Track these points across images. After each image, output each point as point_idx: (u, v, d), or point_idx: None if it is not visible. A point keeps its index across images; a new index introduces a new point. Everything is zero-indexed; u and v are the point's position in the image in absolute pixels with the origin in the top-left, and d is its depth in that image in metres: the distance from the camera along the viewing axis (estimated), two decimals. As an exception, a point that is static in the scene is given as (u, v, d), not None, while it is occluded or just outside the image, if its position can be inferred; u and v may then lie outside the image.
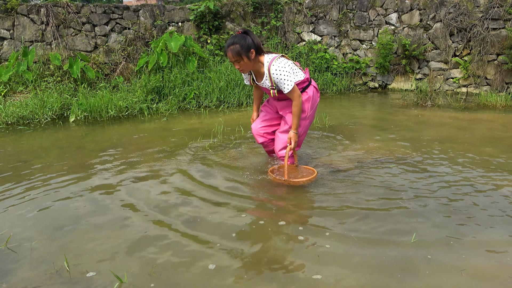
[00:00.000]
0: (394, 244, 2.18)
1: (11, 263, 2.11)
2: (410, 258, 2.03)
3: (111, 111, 5.60)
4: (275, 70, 2.79)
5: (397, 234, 2.28)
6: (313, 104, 3.13)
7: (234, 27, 7.84)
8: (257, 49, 2.80)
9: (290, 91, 2.83)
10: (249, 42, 2.74)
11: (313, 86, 3.11)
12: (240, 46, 2.73)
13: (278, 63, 2.80)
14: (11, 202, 2.87)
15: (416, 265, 1.98)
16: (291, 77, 2.82)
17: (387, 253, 2.09)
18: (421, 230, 2.32)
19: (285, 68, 2.80)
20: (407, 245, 2.17)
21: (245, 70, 2.85)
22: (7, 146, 4.34)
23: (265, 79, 2.91)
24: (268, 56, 2.86)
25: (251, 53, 2.76)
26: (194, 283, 1.90)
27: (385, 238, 2.24)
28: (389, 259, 2.03)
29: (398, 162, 3.49)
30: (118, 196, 2.91)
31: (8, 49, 6.75)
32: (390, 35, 7.67)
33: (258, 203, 2.76)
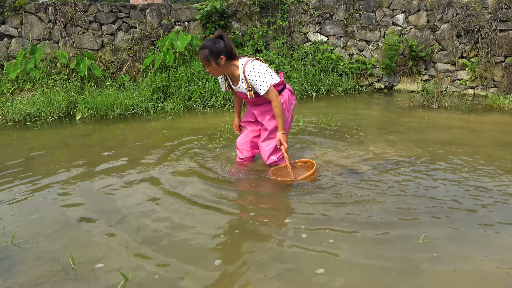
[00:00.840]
0: (401, 243, 2.17)
1: (17, 260, 2.12)
2: (416, 256, 2.03)
3: (117, 109, 5.63)
4: (250, 72, 2.80)
5: (405, 235, 2.27)
6: (289, 107, 3.13)
7: (240, 26, 7.85)
8: (228, 54, 2.78)
9: (267, 91, 2.83)
10: (220, 47, 2.73)
11: (288, 90, 3.12)
12: (209, 51, 2.72)
13: (252, 65, 2.81)
14: (18, 198, 2.89)
15: (421, 263, 1.97)
16: (266, 78, 2.82)
17: (393, 250, 2.08)
18: (430, 231, 2.30)
19: (260, 69, 2.81)
20: (414, 244, 2.16)
21: (215, 74, 2.85)
22: (14, 143, 4.38)
23: (241, 82, 2.91)
24: (242, 59, 2.87)
25: (221, 59, 2.75)
26: (200, 277, 1.90)
27: (392, 238, 2.23)
28: (394, 256, 2.03)
29: (407, 164, 3.47)
30: (124, 195, 2.92)
31: (16, 47, 6.80)
32: (396, 36, 7.64)
33: (262, 203, 2.76)
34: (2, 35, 6.74)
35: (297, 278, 1.90)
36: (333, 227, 2.38)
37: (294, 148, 3.97)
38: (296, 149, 3.92)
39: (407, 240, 2.23)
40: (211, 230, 2.39)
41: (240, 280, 1.92)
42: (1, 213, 2.66)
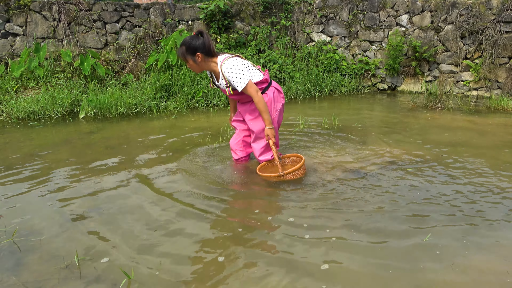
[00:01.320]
0: (405, 242, 2.17)
1: (20, 257, 2.14)
2: (419, 254, 2.02)
3: (120, 108, 5.64)
4: (226, 68, 2.80)
5: (409, 234, 2.27)
6: (277, 106, 3.07)
7: (243, 26, 7.85)
8: (206, 52, 2.80)
9: (244, 87, 2.81)
10: (197, 44, 2.76)
11: (274, 88, 3.08)
12: (185, 48, 2.78)
13: (229, 62, 2.81)
14: (21, 196, 2.90)
15: (423, 261, 1.96)
16: (244, 75, 2.80)
17: (396, 249, 2.08)
18: (435, 231, 2.30)
19: (237, 66, 2.80)
20: (419, 243, 2.17)
21: (195, 70, 2.90)
22: (18, 141, 4.40)
23: (221, 79, 2.92)
24: (222, 56, 2.87)
25: (197, 56, 2.78)
26: (203, 275, 1.91)
27: (396, 237, 2.23)
28: (397, 253, 2.03)
29: (412, 165, 3.46)
30: (126, 194, 2.93)
31: (21, 45, 6.83)
32: (400, 37, 7.62)
33: (263, 201, 2.76)
34: (6, 33, 6.77)
35: (302, 275, 1.92)
36: (335, 225, 2.39)
37: (296, 148, 3.97)
38: (299, 149, 3.92)
39: (411, 239, 2.24)
40: (212, 229, 2.40)
41: (244, 276, 1.93)
42: (3, 210, 2.67)
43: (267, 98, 3.00)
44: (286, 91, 7.01)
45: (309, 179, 3.15)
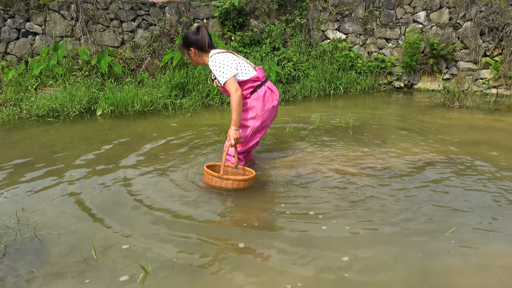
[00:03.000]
0: (427, 235, 2.22)
1: (40, 250, 2.19)
2: (440, 246, 2.01)
3: (136, 105, 5.71)
4: (211, 62, 2.84)
5: (431, 228, 2.30)
6: (265, 105, 2.97)
7: (258, 24, 7.84)
8: (199, 47, 2.87)
9: (225, 83, 2.81)
10: (192, 39, 2.86)
11: (267, 87, 3.00)
12: (182, 42, 2.92)
13: (216, 56, 2.83)
14: (41, 191, 2.97)
15: (443, 254, 1.94)
16: (227, 70, 2.79)
17: (418, 241, 2.06)
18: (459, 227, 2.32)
19: (223, 60, 2.81)
20: (441, 236, 2.21)
21: (193, 63, 3.00)
22: (38, 137, 4.50)
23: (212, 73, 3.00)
24: (214, 51, 2.90)
25: (190, 51, 2.90)
26: (223, 267, 1.92)
27: (418, 230, 2.25)
28: (418, 246, 2.01)
29: (435, 163, 3.41)
30: (143, 189, 2.97)
31: (40, 44, 6.97)
32: (417, 34, 7.50)
33: (282, 192, 2.76)
34: (27, 32, 6.92)
35: (324, 266, 1.97)
36: (354, 219, 2.43)
37: (313, 146, 3.96)
38: (315, 147, 3.91)
39: (432, 233, 2.27)
40: (230, 220, 2.41)
41: (263, 267, 1.97)
42: (25, 205, 2.74)
43: (256, 96, 2.95)
44: (301, 89, 6.99)
45: (328, 174, 3.13)
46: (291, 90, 6.90)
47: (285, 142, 4.10)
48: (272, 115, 3.10)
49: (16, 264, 2.06)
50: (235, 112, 2.79)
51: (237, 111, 2.78)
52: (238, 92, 2.77)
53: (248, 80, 2.91)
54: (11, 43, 6.85)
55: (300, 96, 6.87)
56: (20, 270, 2.01)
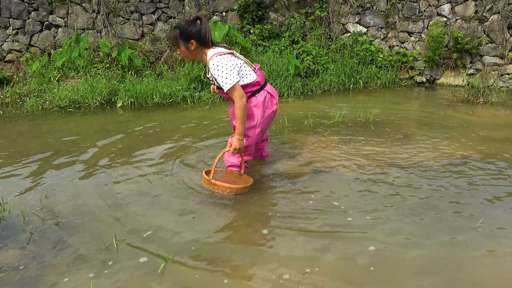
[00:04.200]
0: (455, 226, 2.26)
1: (63, 238, 2.23)
2: (467, 238, 1.96)
3: (155, 97, 5.76)
4: (212, 65, 2.53)
5: (461, 220, 2.31)
6: (265, 112, 2.76)
7: (277, 17, 7.77)
8: (201, 40, 2.55)
9: (229, 89, 2.53)
10: (193, 30, 2.51)
11: (266, 92, 2.77)
12: (179, 32, 2.52)
13: (218, 59, 2.53)
14: (64, 180, 3.03)
15: (471, 246, 1.90)
16: (231, 76, 2.52)
17: (446, 231, 2.03)
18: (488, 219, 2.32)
19: (226, 65, 2.52)
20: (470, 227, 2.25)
21: (186, 58, 2.67)
22: (60, 128, 4.59)
23: (210, 73, 2.69)
24: (214, 49, 2.59)
25: (191, 43, 2.54)
26: (247, 258, 1.92)
27: (446, 221, 2.25)
28: (446, 236, 1.97)
29: (458, 160, 3.33)
30: (163, 180, 2.99)
31: (62, 36, 7.09)
32: (441, 27, 7.30)
33: (306, 183, 2.74)
34: (50, 25, 7.05)
35: (351, 255, 2.01)
36: (381, 212, 2.45)
37: (333, 140, 3.91)
38: (336, 142, 3.86)
39: (461, 223, 2.30)
40: (254, 210, 2.41)
41: (289, 256, 1.99)
42: (48, 193, 2.80)
43: (256, 102, 2.73)
44: (320, 83, 6.91)
45: (351, 168, 3.09)
46: (309, 84, 6.84)
47: (304, 136, 4.06)
48: (271, 118, 2.89)
49: (41, 250, 2.11)
50: (239, 120, 2.58)
51: (242, 120, 2.58)
52: (243, 99, 2.55)
53: (248, 84, 2.69)
54: (35, 36, 7.00)
55: (319, 90, 6.80)
56: (44, 256, 2.06)
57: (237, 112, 2.56)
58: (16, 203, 2.63)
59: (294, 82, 6.61)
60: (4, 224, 2.37)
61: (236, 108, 2.56)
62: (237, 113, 2.57)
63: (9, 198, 2.68)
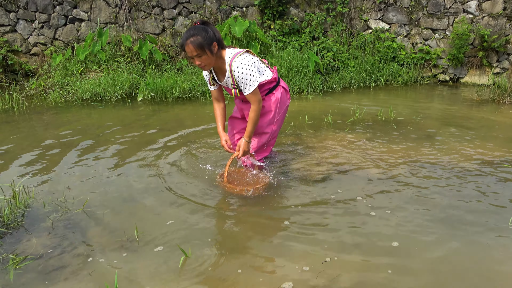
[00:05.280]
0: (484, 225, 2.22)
1: (86, 227, 2.27)
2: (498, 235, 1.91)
3: (175, 92, 5.80)
4: (236, 67, 2.46)
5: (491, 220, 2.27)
6: (282, 107, 2.80)
7: (298, 13, 7.70)
8: (219, 42, 2.45)
9: (251, 93, 2.51)
10: (211, 34, 2.39)
11: (281, 87, 2.79)
12: (202, 38, 2.35)
13: (241, 59, 2.47)
14: (86, 172, 3.09)
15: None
16: (254, 77, 2.49)
17: (476, 230, 1.99)
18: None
19: (249, 65, 2.48)
20: (502, 227, 2.21)
21: (207, 66, 2.46)
22: (82, 120, 4.68)
23: (227, 77, 2.57)
24: (230, 51, 2.53)
25: (214, 46, 2.40)
26: (266, 253, 1.92)
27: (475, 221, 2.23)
28: (476, 235, 1.94)
29: (489, 163, 3.23)
30: (183, 174, 3.01)
31: (85, 30, 7.21)
32: (467, 25, 7.09)
33: (332, 179, 2.71)
34: (73, 19, 7.17)
35: (374, 250, 2.02)
36: (406, 209, 2.45)
37: (353, 138, 3.86)
38: (356, 140, 3.80)
39: (491, 223, 2.27)
40: (275, 205, 2.40)
41: (312, 252, 2.00)
42: (71, 184, 2.86)
43: (275, 99, 2.73)
44: (340, 80, 6.82)
45: (373, 166, 3.05)
46: (329, 81, 6.76)
47: (323, 134, 4.02)
48: (286, 113, 2.91)
49: (63, 239, 2.16)
50: (253, 124, 2.59)
51: (256, 124, 2.60)
52: (261, 104, 2.58)
53: (266, 82, 2.67)
54: (59, 29, 7.14)
55: (339, 87, 6.72)
56: (66, 246, 2.10)
57: (254, 116, 2.57)
58: (39, 192, 2.70)
59: (313, 78, 6.55)
60: (29, 213, 2.43)
61: (253, 112, 2.56)
62: (253, 117, 2.57)
63: (33, 187, 2.75)
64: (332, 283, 1.77)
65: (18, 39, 7.07)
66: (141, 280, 1.81)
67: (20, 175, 2.99)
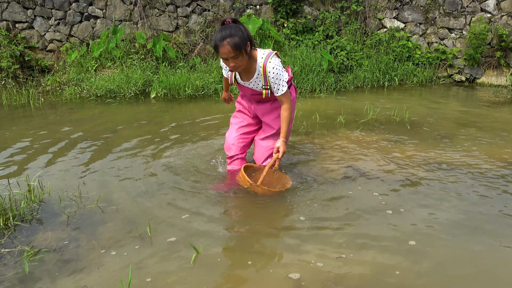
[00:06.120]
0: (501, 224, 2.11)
1: (99, 223, 2.30)
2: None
3: (188, 89, 5.83)
4: (272, 68, 2.41)
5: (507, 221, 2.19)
6: (293, 106, 2.76)
7: (312, 11, 7.65)
8: (251, 42, 2.36)
9: (284, 93, 2.49)
10: (245, 33, 2.29)
11: (294, 87, 2.80)
12: (239, 38, 2.24)
13: (274, 61, 2.43)
14: (100, 167, 3.12)
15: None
16: (285, 77, 2.49)
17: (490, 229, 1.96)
18: None
19: (280, 66, 2.47)
20: None
21: (241, 67, 2.37)
22: (97, 116, 4.73)
23: (256, 78, 2.50)
24: (261, 51, 2.46)
25: (248, 46, 2.33)
26: (274, 251, 1.91)
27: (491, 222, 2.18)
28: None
29: (508, 168, 3.16)
30: (196, 170, 3.02)
31: (101, 27, 7.29)
32: (484, 24, 6.95)
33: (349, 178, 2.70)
34: (89, 16, 7.26)
35: (391, 248, 2.02)
36: (424, 210, 2.43)
37: (367, 138, 3.82)
38: (370, 140, 3.76)
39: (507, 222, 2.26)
40: (290, 200, 2.39)
41: (328, 251, 2.00)
42: (85, 179, 2.89)
43: (292, 97, 2.69)
44: (353, 79, 6.76)
45: (388, 166, 3.02)
46: (343, 80, 6.71)
47: (336, 133, 3.99)
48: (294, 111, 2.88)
49: (77, 234, 2.18)
50: (287, 123, 2.56)
51: (290, 122, 2.59)
52: (291, 102, 2.58)
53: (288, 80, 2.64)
54: (75, 26, 7.24)
55: (352, 86, 6.66)
56: (80, 240, 2.13)
57: (289, 114, 2.55)
58: (54, 187, 2.74)
59: (327, 77, 6.50)
60: (43, 207, 2.47)
61: (287, 111, 2.54)
62: (288, 115, 2.55)
63: (49, 182, 2.79)
64: (343, 279, 1.76)
65: (35, 35, 7.19)
66: (153, 273, 1.83)
67: (35, 170, 3.04)
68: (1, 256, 1.98)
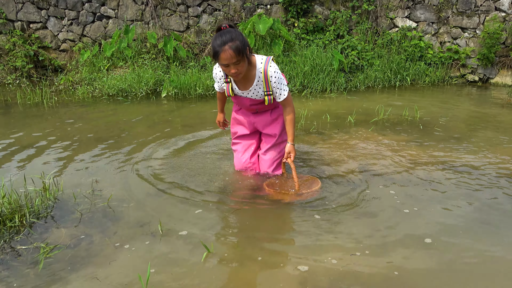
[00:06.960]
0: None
1: (111, 221, 2.33)
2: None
3: (198, 89, 5.86)
4: (274, 72, 2.35)
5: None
6: None
7: (323, 10, 7.62)
8: (249, 47, 2.28)
9: (286, 97, 2.45)
10: (244, 38, 2.21)
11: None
12: (240, 42, 2.14)
13: (274, 65, 2.38)
14: (112, 166, 3.16)
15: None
16: (285, 82, 2.47)
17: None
18: None
19: (279, 70, 2.42)
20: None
21: (241, 74, 2.26)
22: (109, 115, 4.78)
23: (256, 86, 2.41)
24: (259, 56, 2.40)
25: (248, 50, 2.24)
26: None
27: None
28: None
29: None
30: (206, 169, 3.04)
31: (113, 27, 7.37)
32: (499, 23, 6.84)
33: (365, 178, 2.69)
34: (101, 16, 7.34)
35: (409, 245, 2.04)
36: (440, 210, 2.43)
37: (378, 138, 3.79)
38: (381, 140, 3.74)
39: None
40: (303, 200, 2.40)
41: (343, 248, 2.01)
42: (98, 177, 2.93)
43: None
44: (364, 79, 6.72)
45: (400, 165, 3.00)
46: (353, 80, 6.67)
47: (347, 133, 3.97)
48: None
49: (90, 231, 2.22)
50: (293, 126, 2.55)
51: (294, 125, 2.57)
52: (293, 105, 2.56)
53: None
54: (87, 26, 7.32)
55: (363, 86, 6.62)
56: (93, 236, 2.16)
57: (293, 117, 2.54)
58: (68, 185, 2.78)
59: (337, 77, 6.47)
60: (58, 204, 2.50)
61: (291, 113, 2.53)
62: (293, 118, 2.54)
63: (62, 180, 2.83)
64: (356, 276, 1.76)
65: (49, 35, 7.30)
66: (164, 269, 1.84)
67: (49, 167, 3.09)
68: (18, 253, 2.01)
